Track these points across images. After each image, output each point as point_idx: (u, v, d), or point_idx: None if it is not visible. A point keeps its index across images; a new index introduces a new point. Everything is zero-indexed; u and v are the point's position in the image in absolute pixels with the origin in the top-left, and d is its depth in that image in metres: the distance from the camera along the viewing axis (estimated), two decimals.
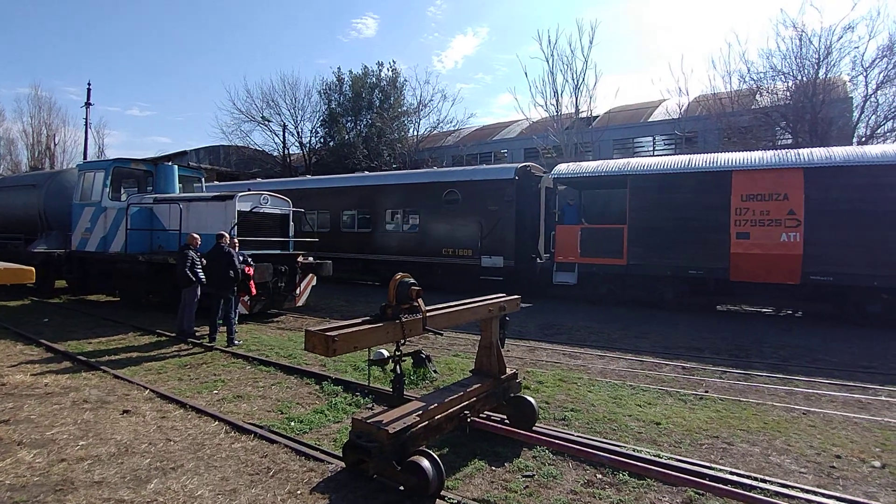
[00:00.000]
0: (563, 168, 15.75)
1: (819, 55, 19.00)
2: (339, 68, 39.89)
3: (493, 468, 4.32)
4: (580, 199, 16.53)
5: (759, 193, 12.42)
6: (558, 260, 14.75)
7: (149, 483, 3.94)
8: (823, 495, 3.85)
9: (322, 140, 36.57)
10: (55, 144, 43.42)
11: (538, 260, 15.99)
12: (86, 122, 32.11)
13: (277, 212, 12.38)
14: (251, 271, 9.68)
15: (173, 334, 9.47)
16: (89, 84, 32.01)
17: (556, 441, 4.67)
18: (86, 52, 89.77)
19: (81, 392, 6.17)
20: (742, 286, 13.05)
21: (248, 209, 11.45)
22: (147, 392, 6.22)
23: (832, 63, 19.24)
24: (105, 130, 63.57)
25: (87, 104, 31.62)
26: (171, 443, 4.71)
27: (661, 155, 25.59)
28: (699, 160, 13.68)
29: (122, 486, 3.89)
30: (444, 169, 19.22)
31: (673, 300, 13.73)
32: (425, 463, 3.65)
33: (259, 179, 26.77)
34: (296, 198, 20.10)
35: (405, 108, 36.05)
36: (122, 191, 13.26)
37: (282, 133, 36.07)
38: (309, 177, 24.26)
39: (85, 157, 31.33)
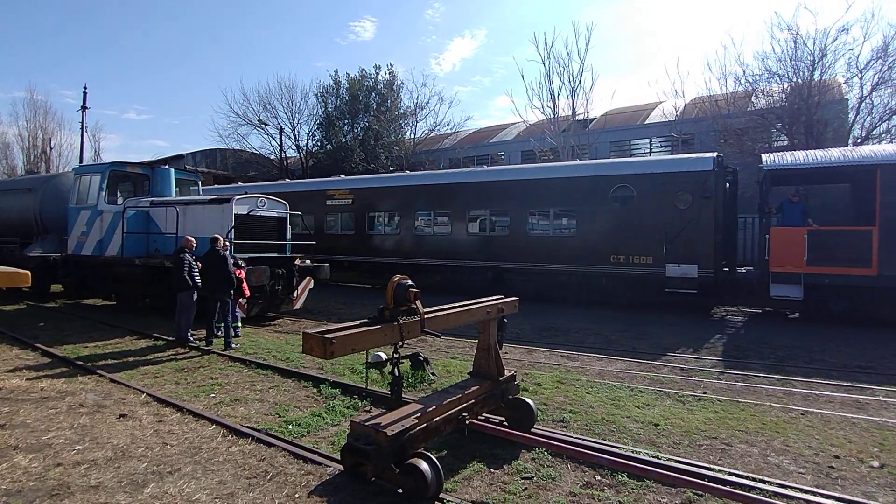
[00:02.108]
0: (776, 158, 12.92)
1: (814, 57, 19.09)
2: (335, 71, 39.96)
3: (492, 470, 4.31)
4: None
5: None
6: (775, 269, 11.99)
7: (146, 487, 3.91)
8: (822, 495, 3.86)
9: (319, 143, 36.56)
10: (51, 148, 43.36)
11: (737, 269, 13.98)
12: (82, 126, 32.00)
13: (274, 214, 12.36)
14: (242, 274, 9.68)
15: (170, 338, 9.43)
16: (85, 87, 32.23)
17: (555, 443, 4.67)
18: (82, 55, 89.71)
19: (77, 396, 6.14)
20: None
21: (245, 212, 11.43)
22: (143, 396, 6.20)
23: (827, 65, 19.33)
24: (101, 134, 63.57)
25: (84, 108, 31.56)
26: (168, 447, 4.69)
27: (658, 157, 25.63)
28: None
29: (118, 490, 3.87)
30: (613, 160, 16.40)
31: None
32: (424, 465, 3.64)
33: (363, 176, 24.15)
34: (403, 196, 18.51)
35: (402, 111, 36.11)
36: (119, 194, 13.22)
37: (279, 136, 36.08)
38: (418, 172, 21.67)
39: (81, 161, 31.21)
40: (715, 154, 13.81)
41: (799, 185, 13.59)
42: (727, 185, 13.98)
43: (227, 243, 9.74)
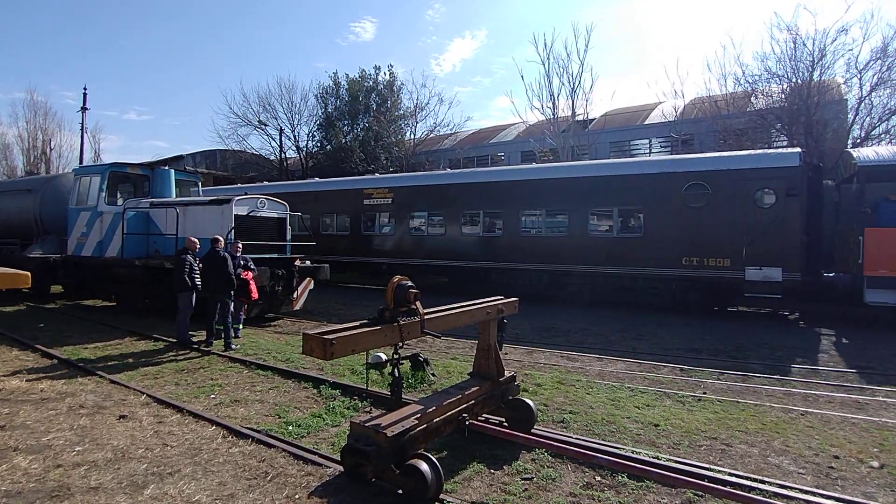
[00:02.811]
0: (870, 153, 12.15)
1: (813, 58, 19.12)
2: (335, 72, 39.99)
3: (492, 471, 4.31)
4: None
5: None
6: (870, 273, 11.21)
7: (146, 488, 3.91)
8: (822, 496, 3.86)
9: (319, 144, 36.61)
10: (51, 149, 43.41)
11: (823, 273, 13.22)
12: (82, 127, 32.04)
13: (274, 215, 12.37)
14: (250, 276, 9.66)
15: (171, 339, 9.43)
16: (85, 88, 32.16)
17: (555, 443, 4.67)
18: (82, 55, 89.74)
19: (77, 397, 6.13)
20: None
21: (245, 213, 11.43)
22: (144, 397, 6.19)
23: (826, 65, 19.37)
24: (101, 135, 63.44)
25: (84, 108, 31.59)
26: (168, 448, 4.69)
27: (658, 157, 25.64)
28: None
29: (118, 491, 3.87)
30: (686, 156, 15.18)
31: None
32: (424, 466, 3.64)
33: (404, 174, 22.72)
34: (449, 195, 17.00)
35: (402, 112, 36.15)
36: (119, 195, 13.23)
37: (278, 137, 36.13)
38: (466, 169, 20.12)
39: (81, 162, 31.25)
40: (800, 149, 13.23)
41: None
42: (819, 181, 13.25)
43: (240, 245, 9.77)
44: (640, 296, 14.31)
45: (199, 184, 15.23)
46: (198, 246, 9.46)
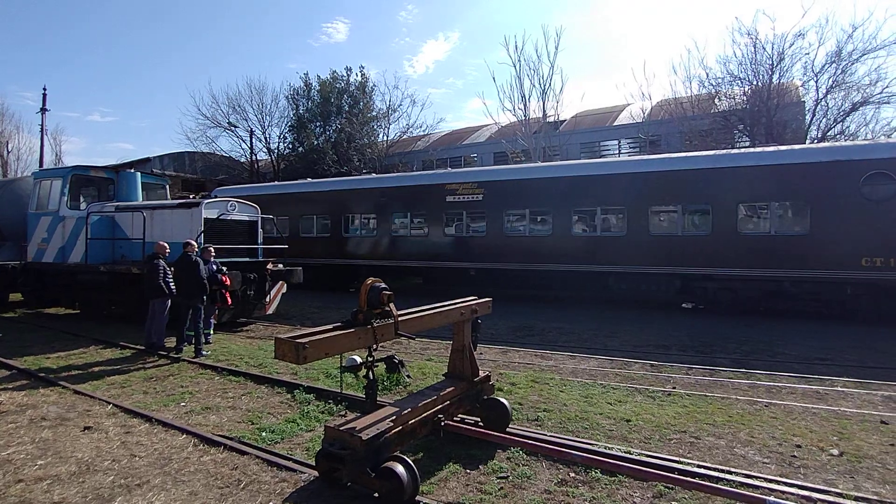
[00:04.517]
0: None
1: (772, 61, 19.91)
2: (306, 73, 39.59)
3: (468, 471, 4.34)
4: None
5: None
6: None
7: (112, 501, 3.81)
8: (785, 484, 4.00)
9: (291, 146, 36.15)
10: (8, 152, 41.71)
11: None
12: (41, 129, 30.94)
13: (245, 218, 12.16)
14: (227, 280, 9.52)
15: (138, 347, 9.17)
16: (45, 89, 30.84)
17: (530, 441, 4.72)
18: (42, 55, 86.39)
19: (39, 409, 5.92)
20: None
21: (215, 216, 11.21)
22: (110, 407, 6.01)
23: (785, 69, 20.23)
24: (63, 137, 61.39)
25: (43, 110, 30.52)
26: (136, 458, 4.56)
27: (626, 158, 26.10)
28: None
29: None
30: (864, 142, 13.25)
31: None
32: (400, 469, 3.64)
33: (496, 167, 20.32)
34: (557, 189, 14.91)
35: (374, 114, 35.99)
36: (82, 199, 12.81)
37: (249, 139, 35.54)
38: (582, 161, 18.28)
39: (41, 165, 30.18)
40: None
41: None
42: None
43: (212, 249, 9.60)
44: (802, 303, 12.89)
45: (167, 187, 14.86)
46: (167, 251, 9.24)
